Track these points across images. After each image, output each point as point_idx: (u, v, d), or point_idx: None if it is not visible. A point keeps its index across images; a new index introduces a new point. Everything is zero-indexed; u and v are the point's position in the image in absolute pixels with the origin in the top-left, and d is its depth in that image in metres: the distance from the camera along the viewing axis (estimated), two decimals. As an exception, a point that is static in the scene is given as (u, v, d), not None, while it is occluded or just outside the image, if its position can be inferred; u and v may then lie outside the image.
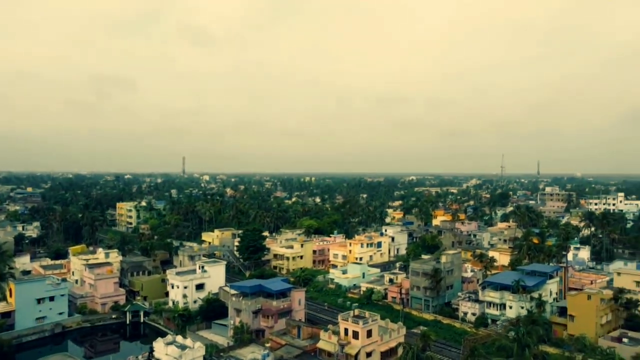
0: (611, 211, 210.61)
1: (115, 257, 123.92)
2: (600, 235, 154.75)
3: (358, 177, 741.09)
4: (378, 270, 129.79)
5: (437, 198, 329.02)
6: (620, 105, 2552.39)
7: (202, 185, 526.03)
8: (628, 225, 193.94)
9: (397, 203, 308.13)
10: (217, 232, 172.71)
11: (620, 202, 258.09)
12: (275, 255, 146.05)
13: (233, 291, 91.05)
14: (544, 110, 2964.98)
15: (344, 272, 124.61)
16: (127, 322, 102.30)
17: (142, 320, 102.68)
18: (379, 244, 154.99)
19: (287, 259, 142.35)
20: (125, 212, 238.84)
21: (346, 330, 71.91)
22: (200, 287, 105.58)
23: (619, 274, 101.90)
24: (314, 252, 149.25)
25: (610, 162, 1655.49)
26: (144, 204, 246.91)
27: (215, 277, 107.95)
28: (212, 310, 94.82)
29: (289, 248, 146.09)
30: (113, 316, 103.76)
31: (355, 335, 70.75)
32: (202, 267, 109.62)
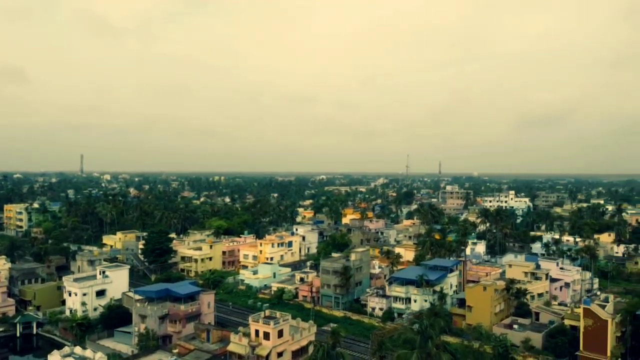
0: (503, 208, 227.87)
1: (2, 264, 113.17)
2: (494, 231, 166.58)
3: (269, 176, 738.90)
4: (289, 269, 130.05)
5: (346, 197, 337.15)
6: (513, 110, 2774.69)
7: (103, 185, 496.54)
8: (518, 221, 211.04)
9: (307, 202, 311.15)
10: (119, 234, 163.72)
11: (511, 199, 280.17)
12: (182, 258, 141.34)
13: (137, 296, 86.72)
14: (447, 113, 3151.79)
15: (255, 272, 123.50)
16: (17, 334, 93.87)
17: (34, 332, 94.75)
18: (290, 244, 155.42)
19: (196, 261, 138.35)
20: (15, 214, 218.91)
21: (257, 331, 71.20)
22: (101, 293, 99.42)
23: (510, 266, 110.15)
24: (224, 253, 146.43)
25: (503, 162, 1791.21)
26: (36, 205, 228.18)
27: (117, 282, 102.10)
28: (115, 317, 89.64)
29: (197, 250, 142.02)
30: (0, 329, 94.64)
31: (267, 336, 70.27)
32: (103, 272, 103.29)
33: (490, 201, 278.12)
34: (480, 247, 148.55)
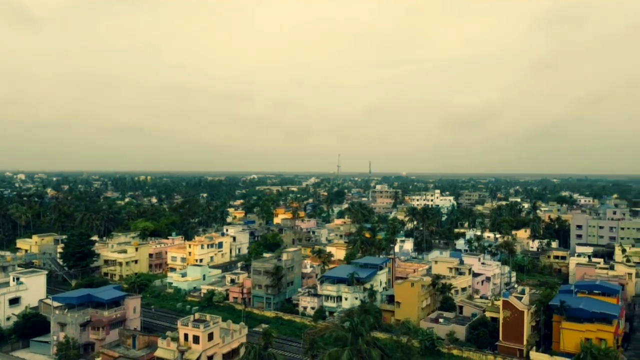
0: (430, 206, 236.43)
1: None
2: (421, 228, 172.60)
3: (198, 176, 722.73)
4: (219, 271, 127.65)
5: (278, 196, 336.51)
6: (440, 112, 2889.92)
7: (17, 185, 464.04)
8: (443, 219, 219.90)
9: (238, 202, 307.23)
10: (35, 238, 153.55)
11: (437, 198, 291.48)
12: (106, 261, 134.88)
13: (56, 303, 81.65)
14: (378, 114, 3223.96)
15: (184, 275, 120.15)
16: None
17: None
18: (220, 244, 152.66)
19: (120, 264, 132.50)
20: None
21: (186, 335, 69.20)
22: (15, 301, 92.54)
23: (436, 262, 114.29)
24: (151, 255, 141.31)
25: (430, 162, 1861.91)
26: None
27: (33, 289, 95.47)
28: (31, 326, 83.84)
29: (122, 253, 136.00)
30: None
31: (196, 339, 68.49)
32: (17, 278, 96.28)
33: (417, 200, 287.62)
34: (409, 245, 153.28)
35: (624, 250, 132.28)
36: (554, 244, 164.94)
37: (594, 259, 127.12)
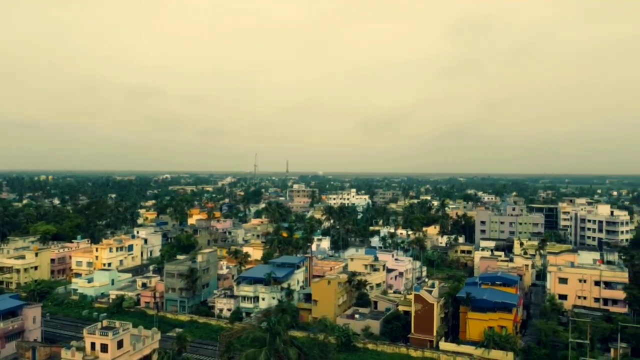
0: (346, 205, 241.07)
1: None
2: (338, 227, 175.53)
3: (106, 175, 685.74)
4: (130, 275, 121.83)
5: (192, 197, 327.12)
6: (356, 113, 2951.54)
7: None
8: (359, 217, 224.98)
9: (150, 203, 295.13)
10: None
11: (353, 197, 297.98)
12: (1, 268, 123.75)
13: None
14: (295, 114, 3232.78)
15: (90, 280, 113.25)
16: None
17: None
18: (130, 247, 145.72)
19: (18, 271, 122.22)
20: None
21: (93, 344, 65.07)
22: None
23: (352, 259, 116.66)
24: (53, 261, 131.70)
25: (345, 162, 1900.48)
26: None
27: None
28: None
29: (19, 259, 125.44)
30: None
31: (104, 348, 64.62)
32: None
33: (334, 199, 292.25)
34: (325, 243, 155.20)
35: (521, 244, 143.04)
36: (461, 239, 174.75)
37: (496, 253, 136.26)
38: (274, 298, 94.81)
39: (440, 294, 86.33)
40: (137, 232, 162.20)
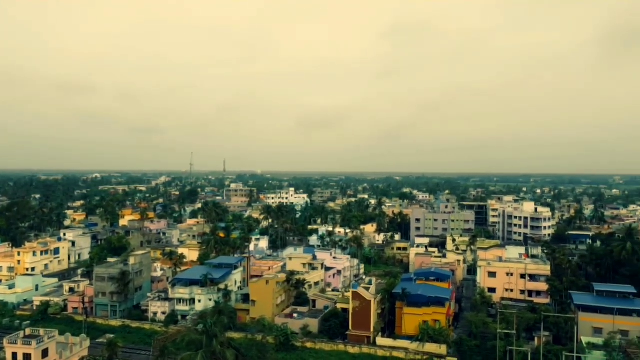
0: (284, 204, 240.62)
1: None
2: (276, 226, 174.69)
3: (29, 174, 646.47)
4: (56, 280, 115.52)
5: (124, 197, 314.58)
6: (295, 112, 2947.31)
7: None
8: (297, 216, 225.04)
9: (78, 203, 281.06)
10: None
11: (292, 196, 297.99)
12: None
13: None
14: (233, 111, 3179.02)
15: (11, 286, 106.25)
16: None
17: None
18: (57, 251, 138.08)
19: None
20: None
21: (15, 354, 61.17)
22: None
23: (290, 258, 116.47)
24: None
25: (284, 161, 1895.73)
26: None
27: None
28: None
29: None
30: None
31: (27, 358, 60.83)
32: None
33: (272, 198, 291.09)
34: (264, 243, 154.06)
35: (454, 240, 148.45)
36: (397, 237, 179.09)
37: (430, 249, 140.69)
38: (210, 300, 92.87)
39: (377, 291, 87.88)
40: (64, 235, 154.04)
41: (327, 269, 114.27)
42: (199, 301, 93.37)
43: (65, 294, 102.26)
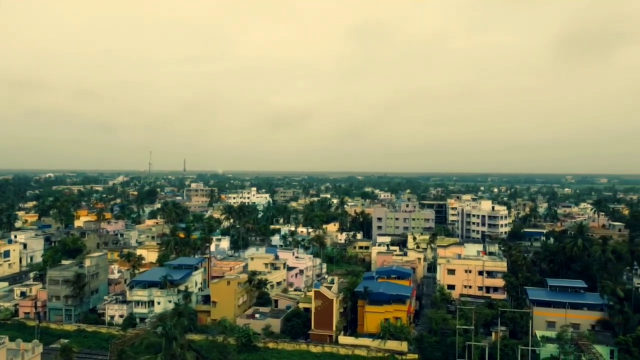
0: (246, 204, 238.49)
1: None
2: (238, 226, 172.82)
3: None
4: (6, 284, 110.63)
5: (79, 197, 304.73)
6: (257, 110, 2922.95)
7: None
8: (259, 216, 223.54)
9: (30, 204, 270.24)
10: None
11: (254, 195, 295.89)
12: None
13: None
14: (194, 110, 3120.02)
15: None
16: None
17: None
18: (7, 253, 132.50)
19: None
20: None
21: (-41, 363, 58.03)
22: None
23: (252, 259, 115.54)
24: None
25: (246, 160, 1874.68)
26: None
27: None
28: None
29: None
30: None
31: (-27, 367, 57.90)
32: None
33: (234, 198, 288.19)
34: (225, 243, 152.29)
35: (414, 238, 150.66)
36: (359, 236, 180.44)
37: (391, 247, 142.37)
38: (170, 301, 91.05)
39: (340, 290, 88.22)
40: (15, 237, 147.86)
41: (290, 268, 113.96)
42: (158, 303, 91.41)
43: (16, 299, 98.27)
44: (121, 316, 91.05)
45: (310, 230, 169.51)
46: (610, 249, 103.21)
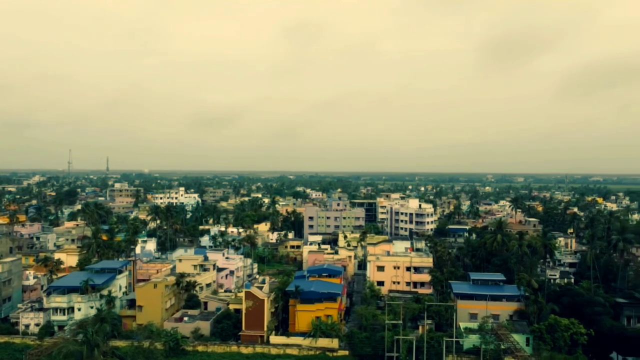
0: (174, 204, 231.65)
1: None
2: (165, 227, 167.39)
3: None
4: None
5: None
6: (186, 109, 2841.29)
7: None
8: (188, 216, 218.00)
9: None
10: None
11: (182, 195, 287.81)
12: None
13: None
14: (119, 106, 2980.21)
15: None
16: None
17: None
18: None
19: None
20: None
21: None
22: None
23: (180, 260, 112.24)
24: None
25: (174, 159, 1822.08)
26: None
27: None
28: None
29: None
30: None
31: None
32: None
33: (161, 198, 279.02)
34: (151, 245, 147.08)
35: (345, 237, 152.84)
36: (291, 235, 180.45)
37: (323, 246, 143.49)
38: (92, 307, 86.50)
39: (271, 289, 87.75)
40: None
41: (220, 269, 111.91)
42: (79, 309, 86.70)
43: None
44: (37, 325, 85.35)
45: (240, 230, 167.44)
46: (526, 243, 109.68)
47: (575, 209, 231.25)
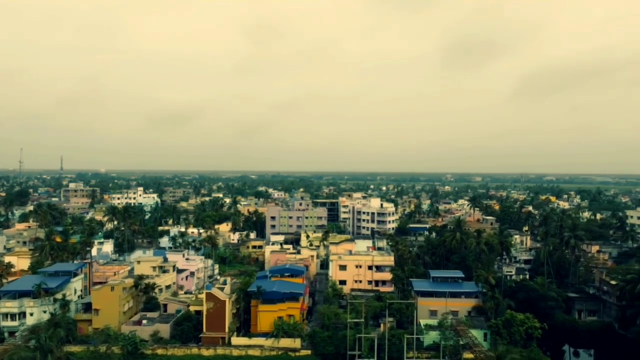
0: (132, 204, 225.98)
1: None
2: (123, 228, 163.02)
3: None
4: None
5: None
6: (144, 107, 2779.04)
7: None
8: (147, 217, 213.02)
9: None
10: None
11: (140, 195, 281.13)
12: None
13: None
14: (72, 104, 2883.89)
15: None
16: None
17: None
18: None
19: None
20: None
21: None
22: None
23: (139, 262, 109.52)
24: None
25: (132, 158, 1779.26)
26: None
27: None
28: None
29: None
30: None
31: None
32: None
33: (118, 198, 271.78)
34: (108, 246, 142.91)
35: (307, 236, 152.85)
36: (253, 235, 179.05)
37: (285, 246, 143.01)
38: (45, 312, 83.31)
39: (232, 290, 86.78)
40: None
41: (180, 271, 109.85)
42: (31, 314, 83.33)
43: None
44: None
45: (201, 230, 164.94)
46: (483, 241, 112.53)
47: (530, 208, 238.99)
